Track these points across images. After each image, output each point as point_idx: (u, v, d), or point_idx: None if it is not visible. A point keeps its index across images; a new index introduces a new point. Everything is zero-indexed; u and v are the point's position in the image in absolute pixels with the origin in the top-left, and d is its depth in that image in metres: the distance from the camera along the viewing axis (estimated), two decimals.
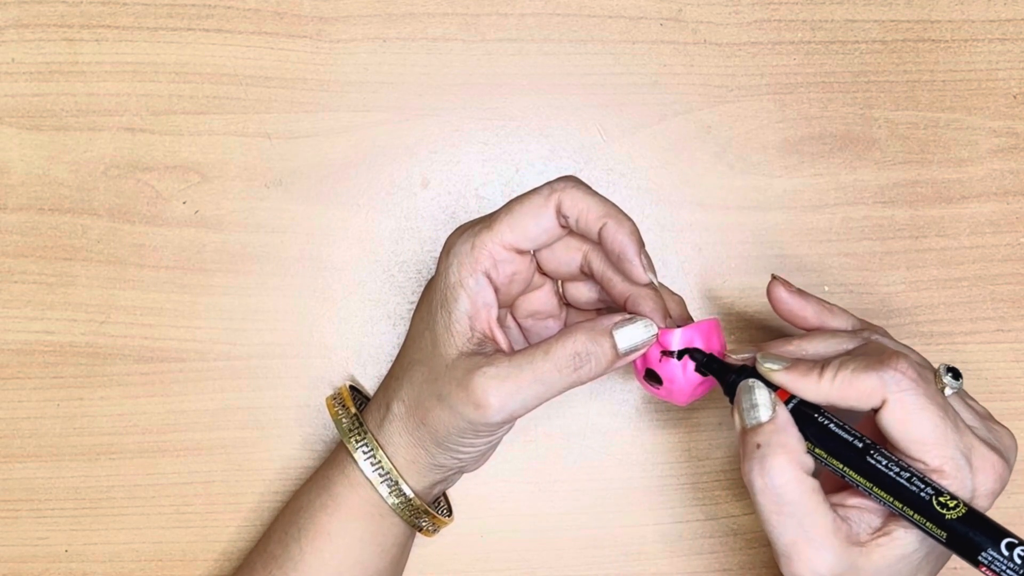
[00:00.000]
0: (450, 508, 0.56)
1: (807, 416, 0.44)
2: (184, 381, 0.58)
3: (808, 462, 0.44)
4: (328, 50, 0.57)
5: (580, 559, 0.58)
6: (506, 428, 0.49)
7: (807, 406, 0.45)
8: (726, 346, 0.48)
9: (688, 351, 0.47)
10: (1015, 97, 0.59)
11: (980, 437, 0.44)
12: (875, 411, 0.43)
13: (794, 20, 0.58)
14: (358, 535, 0.51)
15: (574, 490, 0.59)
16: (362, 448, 0.50)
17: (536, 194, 0.47)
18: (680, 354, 0.47)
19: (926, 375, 0.44)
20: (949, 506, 0.42)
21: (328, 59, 0.57)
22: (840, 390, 0.44)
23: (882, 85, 0.58)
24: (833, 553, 0.43)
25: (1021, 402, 0.59)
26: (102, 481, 0.58)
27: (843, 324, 0.49)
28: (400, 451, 0.50)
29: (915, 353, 0.46)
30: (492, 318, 0.47)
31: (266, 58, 0.57)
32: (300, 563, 0.51)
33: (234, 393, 0.58)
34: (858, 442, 0.44)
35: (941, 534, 0.42)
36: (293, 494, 0.54)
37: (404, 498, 0.50)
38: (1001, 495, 0.44)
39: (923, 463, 0.43)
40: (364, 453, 0.50)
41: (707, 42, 0.58)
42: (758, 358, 0.46)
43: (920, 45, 0.58)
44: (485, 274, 0.47)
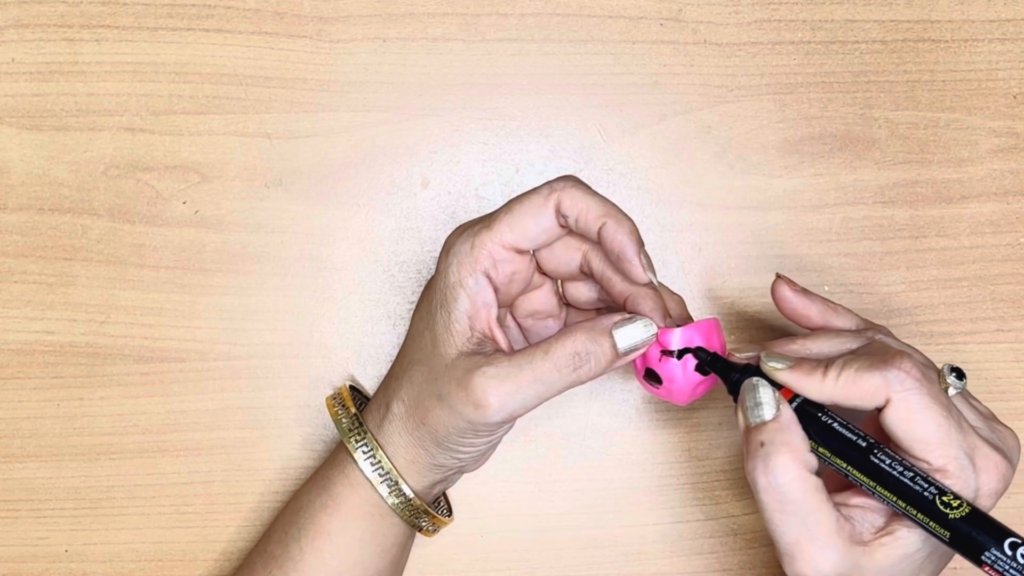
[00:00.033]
0: (450, 508, 0.56)
1: (811, 415, 0.44)
2: (184, 381, 0.58)
3: (812, 461, 0.44)
4: (328, 50, 0.57)
5: (580, 559, 0.58)
6: (506, 428, 0.49)
7: (811, 405, 0.45)
8: (726, 346, 0.48)
9: (692, 350, 0.47)
10: (1015, 97, 0.59)
11: (983, 437, 0.44)
12: (879, 410, 0.43)
13: (794, 20, 0.58)
14: (358, 535, 0.51)
15: (574, 490, 0.59)
16: (362, 448, 0.50)
17: (536, 194, 0.47)
18: (680, 353, 0.47)
19: (930, 375, 0.44)
20: (952, 505, 0.42)
21: (328, 59, 0.57)
22: (844, 389, 0.44)
23: (882, 85, 0.58)
24: (836, 552, 0.43)
25: (1021, 402, 0.59)
26: (102, 481, 0.58)
27: (847, 324, 0.49)
28: (400, 451, 0.50)
29: (919, 353, 0.46)
30: (492, 318, 0.47)
31: (266, 58, 0.57)
32: (300, 563, 0.51)
33: (234, 393, 0.58)
34: (862, 441, 0.44)
35: (944, 533, 0.42)
36: (293, 494, 0.54)
37: (404, 498, 0.50)
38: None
39: (927, 462, 0.43)
40: (364, 453, 0.50)
41: (707, 42, 0.58)
42: (762, 357, 0.46)
43: (920, 45, 0.58)
44: (485, 274, 0.47)
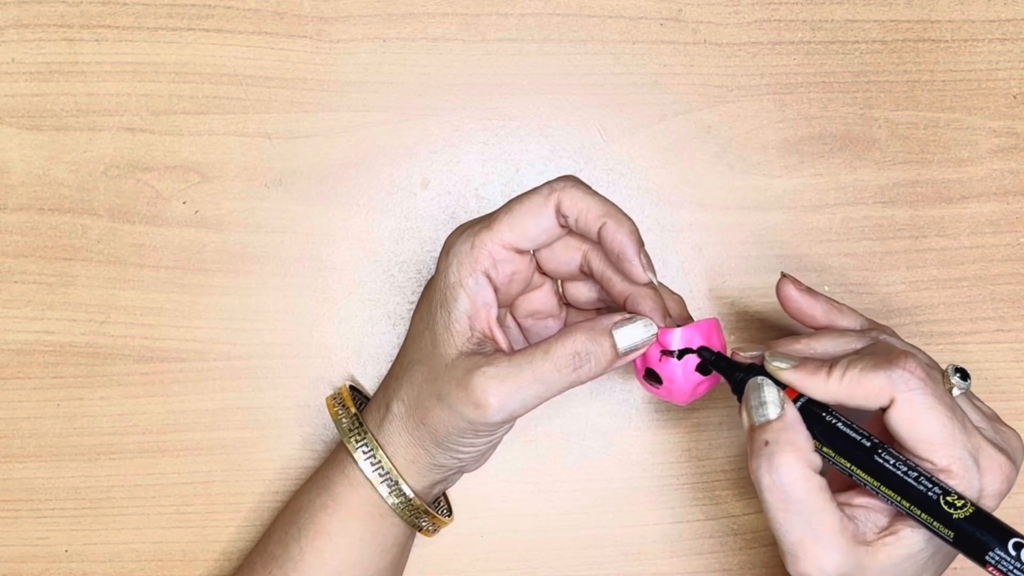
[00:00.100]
0: (450, 508, 0.56)
1: (815, 415, 0.44)
2: (184, 381, 0.58)
3: (816, 460, 0.44)
4: (328, 50, 0.57)
5: (580, 559, 0.58)
6: (506, 428, 0.49)
7: (815, 405, 0.45)
8: (726, 346, 0.48)
9: (696, 350, 0.47)
10: (1015, 97, 0.59)
11: (988, 438, 0.44)
12: (883, 410, 0.43)
13: (794, 20, 0.58)
14: (358, 535, 0.51)
15: (574, 490, 0.59)
16: (362, 448, 0.50)
17: (536, 194, 0.47)
18: (680, 353, 0.47)
19: (934, 375, 0.44)
20: (956, 505, 0.42)
21: (328, 59, 0.57)
22: (848, 389, 0.43)
23: (882, 85, 0.58)
24: (840, 552, 0.43)
25: (1021, 402, 0.59)
26: (102, 481, 0.58)
27: (851, 323, 0.49)
28: (400, 451, 0.50)
29: (923, 353, 0.46)
30: (492, 318, 0.47)
31: (266, 58, 0.57)
32: (300, 563, 0.51)
33: (234, 393, 0.58)
34: (866, 441, 0.44)
35: (948, 533, 0.42)
36: (293, 494, 0.54)
37: (404, 498, 0.50)
38: None
39: (931, 463, 0.43)
40: (364, 453, 0.50)
41: (707, 42, 0.58)
42: (766, 356, 0.46)
43: (920, 45, 0.58)
44: (485, 274, 0.47)
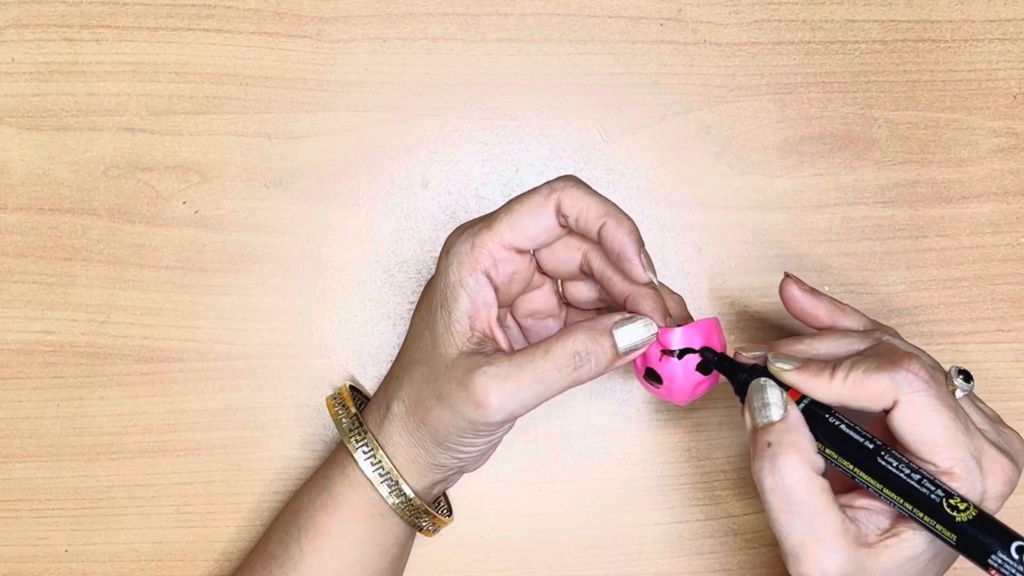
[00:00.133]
0: (450, 508, 0.56)
1: (818, 416, 0.44)
2: (184, 381, 0.58)
3: (818, 462, 0.44)
4: (328, 50, 0.57)
5: (580, 559, 0.58)
6: (506, 428, 0.49)
7: (818, 406, 0.44)
8: (726, 345, 0.48)
9: (700, 350, 0.47)
10: (1015, 97, 0.59)
11: (990, 440, 0.44)
12: (886, 412, 0.43)
13: (794, 20, 0.58)
14: (358, 535, 0.51)
15: (574, 490, 0.59)
16: (362, 448, 0.50)
17: (536, 193, 0.47)
18: (681, 353, 0.47)
19: (938, 377, 0.44)
20: (959, 508, 0.41)
21: (328, 59, 0.57)
22: (852, 391, 0.43)
23: (882, 85, 0.58)
24: (842, 554, 0.43)
25: (1021, 402, 0.59)
26: (102, 481, 0.58)
27: (855, 324, 0.49)
28: (400, 451, 0.50)
29: (926, 355, 0.46)
30: (492, 317, 0.47)
31: (266, 58, 0.57)
32: (300, 563, 0.51)
33: (234, 393, 0.58)
34: (869, 443, 0.43)
35: (951, 536, 0.42)
36: (293, 494, 0.54)
37: (404, 498, 0.50)
38: None
39: (933, 465, 0.43)
40: (364, 453, 0.50)
41: (707, 42, 0.58)
42: (769, 357, 0.45)
43: (920, 45, 0.58)
44: (485, 273, 0.47)
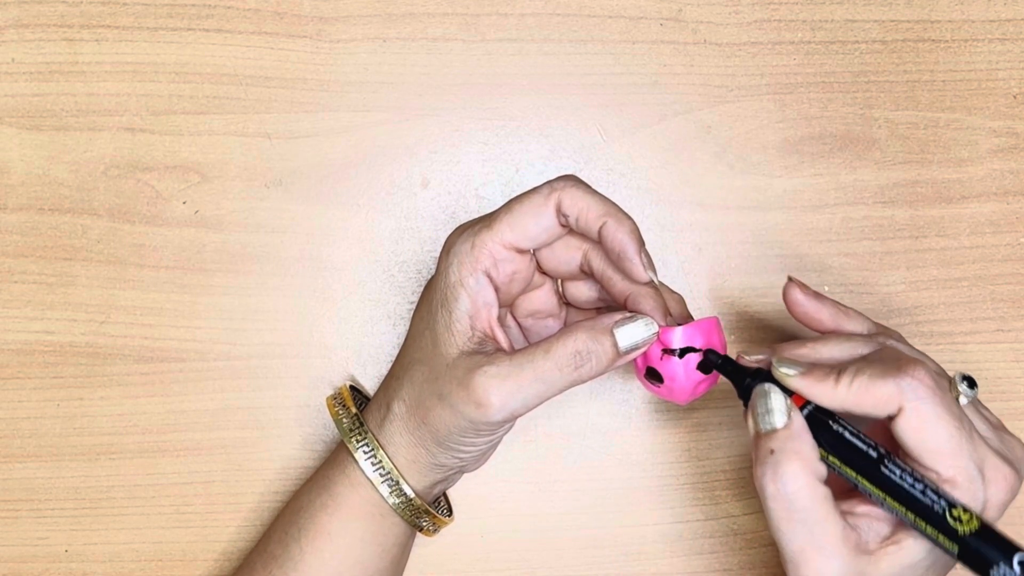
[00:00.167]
0: (450, 508, 0.56)
1: (822, 423, 0.44)
2: (184, 381, 0.58)
3: (821, 470, 0.43)
4: (328, 50, 0.57)
5: (580, 559, 0.58)
6: (507, 427, 0.49)
7: (822, 412, 0.44)
8: (726, 344, 0.48)
9: (704, 352, 0.47)
10: (1015, 97, 0.59)
11: (993, 448, 0.44)
12: (890, 418, 0.43)
13: (794, 20, 0.58)
14: (358, 535, 0.51)
15: (574, 490, 0.59)
16: (363, 448, 0.50)
17: (536, 193, 0.47)
18: (682, 352, 0.47)
19: (942, 383, 0.44)
20: (962, 520, 0.41)
21: (328, 59, 0.57)
22: (856, 396, 0.43)
23: (882, 85, 0.58)
24: (841, 561, 0.42)
25: (1021, 402, 0.59)
26: (102, 481, 0.58)
27: (859, 328, 0.49)
28: (401, 451, 0.50)
29: (931, 360, 0.46)
30: (493, 317, 0.47)
31: (266, 58, 0.57)
32: (300, 563, 0.51)
33: (234, 393, 0.58)
34: (872, 451, 0.43)
35: (953, 547, 0.41)
36: (293, 494, 0.54)
37: (405, 498, 0.50)
38: None
39: (936, 472, 0.43)
40: (365, 453, 0.50)
41: (707, 42, 0.58)
42: (774, 362, 0.45)
43: (920, 45, 0.58)
44: (485, 273, 0.47)
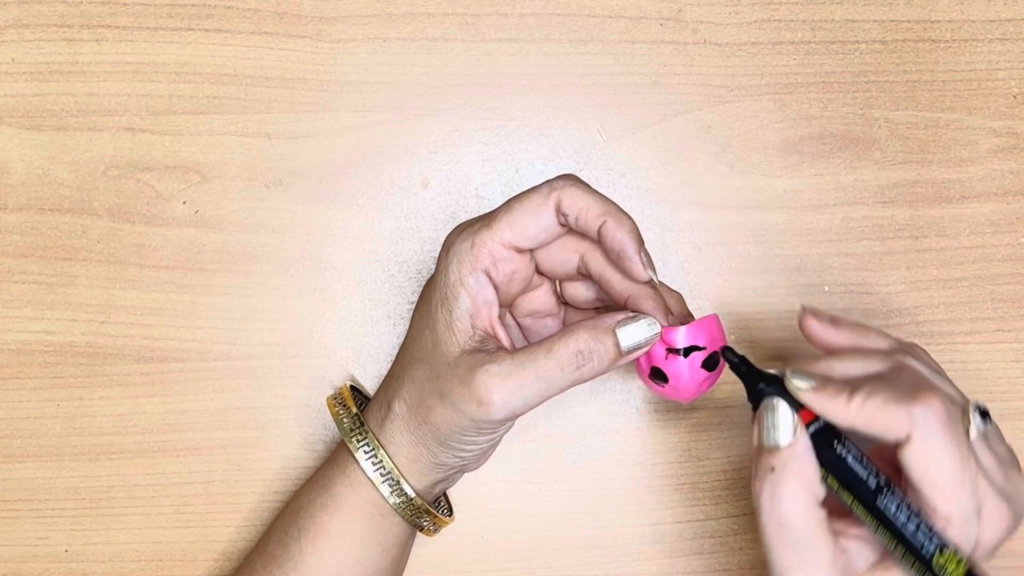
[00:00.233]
0: (451, 508, 0.56)
1: (828, 441, 0.44)
2: (184, 381, 0.58)
3: (819, 491, 0.43)
4: (328, 50, 0.57)
5: (580, 559, 0.58)
6: (507, 426, 0.49)
7: (830, 430, 0.44)
8: (727, 341, 0.48)
9: (721, 351, 0.47)
10: (1015, 97, 0.59)
11: (996, 485, 0.43)
12: (898, 443, 0.42)
13: (794, 20, 0.58)
14: (359, 535, 0.51)
15: (574, 490, 0.59)
16: (363, 448, 0.50)
17: (535, 192, 0.47)
18: (687, 351, 0.47)
19: (955, 414, 0.43)
20: (948, 570, 0.41)
21: (328, 59, 0.57)
22: (867, 418, 0.42)
23: (882, 85, 0.58)
24: None
25: (1021, 402, 0.59)
26: (102, 481, 0.57)
27: (879, 345, 0.47)
28: (402, 450, 0.50)
29: (949, 383, 0.45)
30: (493, 315, 0.47)
31: (266, 58, 0.57)
32: (300, 563, 0.51)
33: (234, 393, 0.58)
34: (872, 479, 0.43)
35: None
36: (293, 494, 0.54)
37: (405, 497, 0.50)
38: None
39: (933, 507, 0.42)
40: (365, 453, 0.50)
41: (707, 42, 0.58)
42: (787, 373, 0.44)
43: (920, 45, 0.58)
44: (484, 272, 0.47)
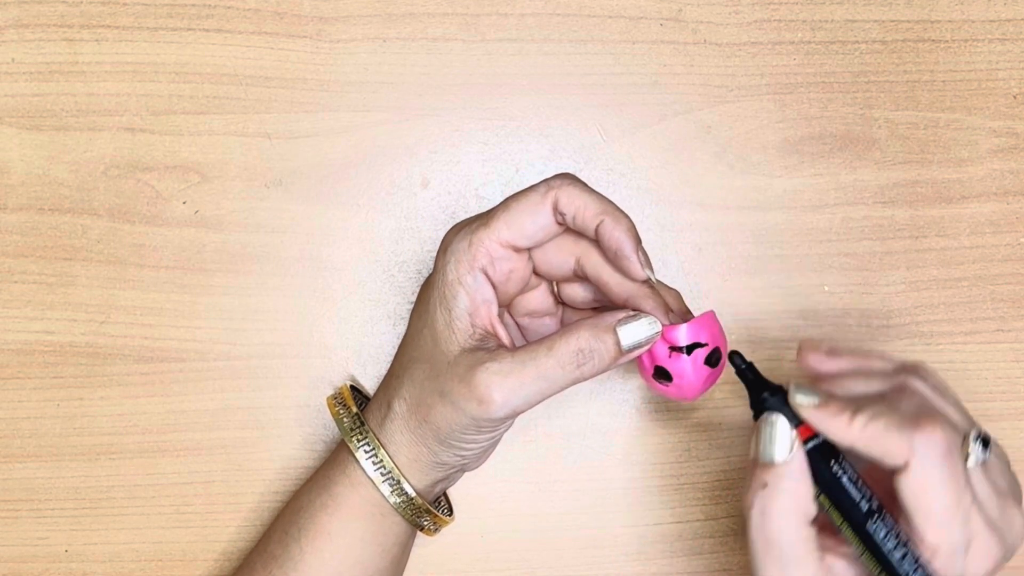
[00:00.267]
0: (451, 507, 0.56)
1: (825, 459, 0.44)
2: (184, 381, 0.58)
3: (811, 510, 0.43)
4: (328, 50, 0.57)
5: (580, 559, 0.58)
6: (508, 424, 0.49)
7: (828, 448, 0.44)
8: (726, 336, 0.48)
9: (729, 355, 0.47)
10: (1015, 97, 0.59)
11: (989, 520, 0.43)
12: (895, 468, 0.42)
13: (794, 20, 0.58)
14: (359, 535, 0.51)
15: (574, 490, 0.59)
16: (364, 447, 0.50)
17: (533, 191, 0.47)
18: (689, 349, 0.47)
19: (955, 442, 0.43)
20: None
21: (328, 59, 0.57)
22: (867, 440, 0.42)
23: (882, 85, 0.58)
24: None
25: (1021, 402, 0.59)
26: (102, 481, 0.57)
27: (881, 367, 0.48)
28: (402, 450, 0.50)
29: (954, 405, 0.45)
30: (493, 314, 0.47)
31: (266, 58, 0.57)
32: (300, 563, 0.51)
33: (234, 393, 0.58)
34: (865, 503, 0.43)
35: None
36: (293, 494, 0.54)
37: (406, 497, 0.50)
38: None
39: (922, 537, 0.42)
40: (366, 452, 0.50)
41: (707, 42, 0.58)
42: (792, 387, 0.44)
43: (920, 45, 0.58)
44: (482, 271, 0.47)
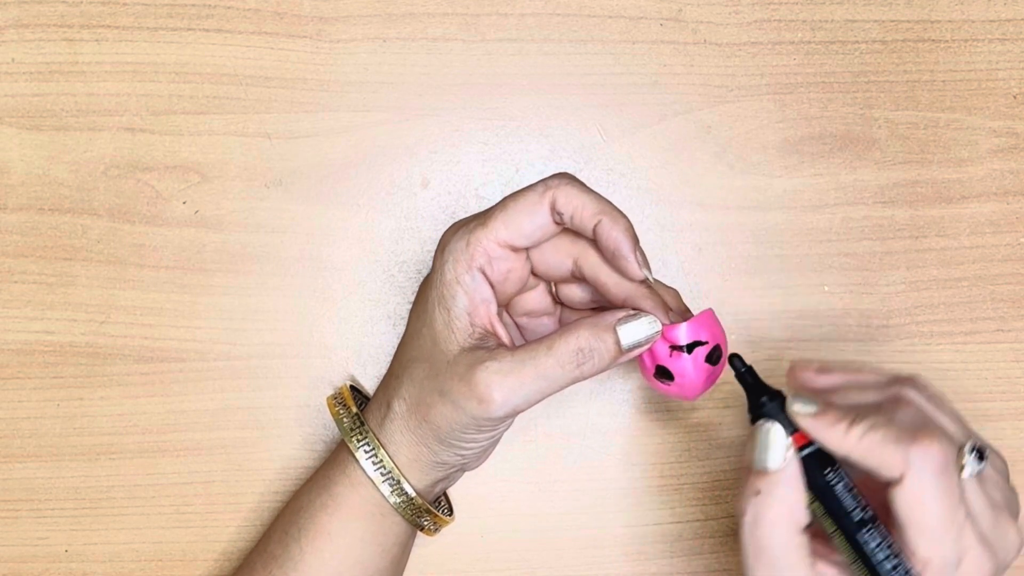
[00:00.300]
0: (451, 507, 0.56)
1: (820, 466, 0.44)
2: (184, 381, 0.58)
3: (803, 519, 0.43)
4: (328, 50, 0.58)
5: (580, 559, 0.58)
6: (507, 423, 0.49)
7: (824, 456, 0.44)
8: (725, 333, 0.48)
9: (729, 358, 0.47)
10: (1015, 97, 0.59)
11: (982, 534, 0.43)
12: (890, 480, 0.42)
13: (794, 20, 0.58)
14: (359, 535, 0.51)
15: (574, 490, 0.59)
16: (364, 447, 0.50)
17: (531, 191, 0.47)
18: (690, 347, 0.47)
19: (951, 455, 0.43)
20: None
21: (328, 59, 0.57)
22: (863, 451, 0.42)
23: (882, 85, 0.58)
24: None
25: (1021, 402, 0.59)
26: (102, 481, 0.58)
27: (874, 380, 0.48)
28: (402, 449, 0.50)
29: (951, 416, 0.45)
30: (492, 313, 0.47)
31: (266, 58, 0.57)
32: (300, 563, 0.51)
33: (234, 393, 0.58)
34: (858, 512, 0.43)
35: None
36: (293, 494, 0.54)
37: (406, 497, 0.50)
38: None
39: (914, 550, 0.42)
40: (366, 452, 0.50)
41: (707, 42, 0.58)
42: (790, 397, 0.44)
43: (920, 45, 0.58)
44: (480, 270, 0.47)
